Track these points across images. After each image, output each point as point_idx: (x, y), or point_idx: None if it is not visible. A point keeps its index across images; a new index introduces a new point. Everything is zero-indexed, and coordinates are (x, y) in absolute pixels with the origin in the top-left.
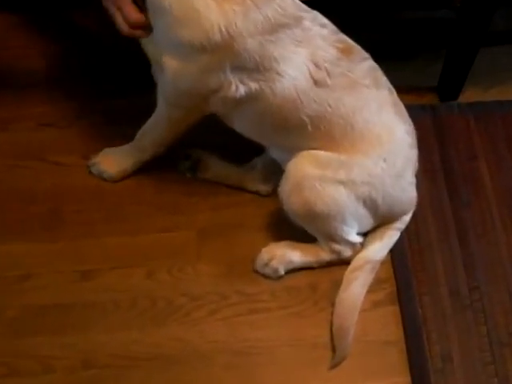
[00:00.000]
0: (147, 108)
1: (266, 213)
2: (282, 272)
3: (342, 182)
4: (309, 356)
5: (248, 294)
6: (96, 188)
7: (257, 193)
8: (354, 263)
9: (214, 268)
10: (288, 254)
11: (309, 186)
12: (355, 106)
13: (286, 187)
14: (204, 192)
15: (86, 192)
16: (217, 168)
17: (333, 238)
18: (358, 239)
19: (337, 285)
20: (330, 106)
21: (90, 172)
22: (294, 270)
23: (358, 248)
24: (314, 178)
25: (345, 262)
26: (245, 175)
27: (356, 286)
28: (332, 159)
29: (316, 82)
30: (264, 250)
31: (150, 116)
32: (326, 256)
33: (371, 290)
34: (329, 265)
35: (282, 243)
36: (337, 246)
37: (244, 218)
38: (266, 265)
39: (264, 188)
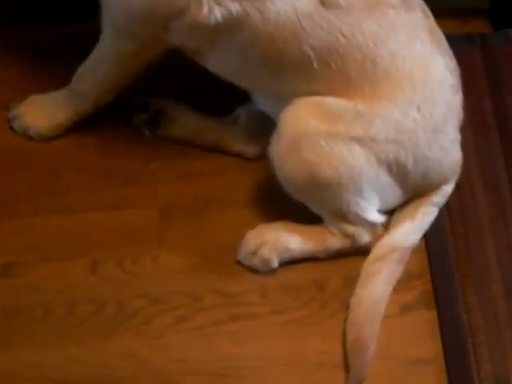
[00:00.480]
0: (89, 39)
1: (252, 183)
2: (276, 264)
3: (358, 140)
4: (312, 379)
5: (229, 295)
6: (19, 149)
7: (240, 155)
8: (376, 252)
9: (182, 259)
10: (284, 240)
11: (312, 146)
12: (378, 34)
13: (280, 148)
14: (168, 156)
15: (5, 155)
16: (185, 122)
17: (345, 216)
18: (379, 218)
19: (351, 282)
20: (342, 35)
21: (12, 128)
22: (292, 262)
23: (379, 231)
24: (320, 134)
25: (362, 251)
26: (223, 132)
27: (378, 284)
28: (344, 108)
29: (323, 2)
30: (251, 233)
31: (93, 49)
32: (335, 242)
33: (399, 288)
34: (340, 255)
35: (276, 225)
36: (351, 229)
37: (223, 190)
38: (254, 254)
39: (250, 149)
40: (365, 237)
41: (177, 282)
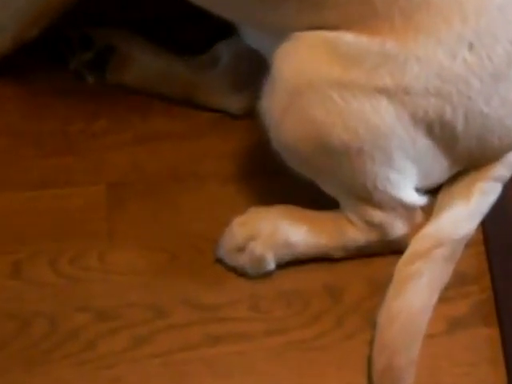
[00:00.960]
0: None
1: (238, 151)
2: (272, 265)
3: (385, 92)
4: None
5: (206, 308)
6: None
7: (221, 111)
8: (414, 248)
9: (140, 257)
10: (283, 231)
11: (320, 100)
12: None
13: (275, 102)
14: (119, 112)
15: None
16: (144, 63)
17: (370, 198)
18: (418, 200)
19: (379, 289)
20: None
21: None
22: (295, 263)
23: (419, 218)
24: (331, 83)
25: (394, 248)
26: (198, 77)
27: (417, 291)
28: (366, 48)
29: None
30: (237, 221)
31: None
32: (357, 236)
33: (447, 297)
34: (363, 253)
35: (272, 209)
36: (378, 216)
37: (196, 160)
38: (241, 250)
39: (234, 102)
40: (398, 227)
41: (133, 290)
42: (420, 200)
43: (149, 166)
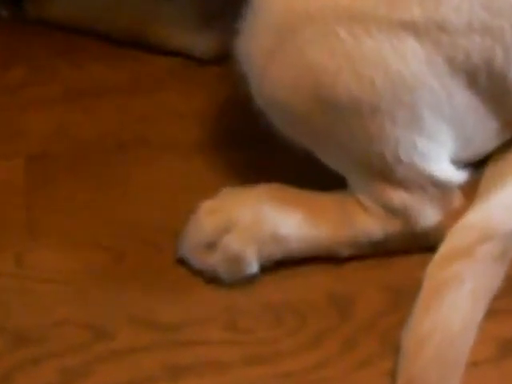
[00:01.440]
0: None
1: (204, 109)
2: (254, 266)
3: (412, 27)
4: None
5: (164, 327)
6: None
7: (181, 54)
8: (452, 243)
9: (71, 258)
10: (269, 219)
11: (321, 36)
12: None
13: (259, 39)
14: (41, 54)
15: None
16: None
17: (390, 173)
18: (456, 174)
19: (402, 299)
20: None
21: None
22: (285, 265)
23: (457, 202)
24: (337, 14)
25: (422, 242)
26: (150, 7)
27: (457, 302)
28: None
29: None
30: (205, 207)
31: None
32: (371, 224)
33: (497, 310)
34: (378, 250)
35: (253, 191)
36: (400, 196)
37: (148, 122)
38: (212, 247)
39: (199, 42)
40: (429, 213)
41: (63, 304)
42: (458, 176)
43: (82, 131)
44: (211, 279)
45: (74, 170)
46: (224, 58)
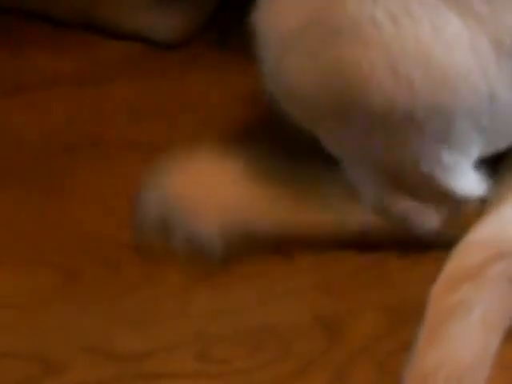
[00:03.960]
0: None
1: (169, 106)
2: (215, 240)
3: (454, 2)
4: None
5: (124, 357)
6: None
7: (140, 37)
8: (460, 260)
9: (14, 277)
10: (233, 186)
11: (354, 22)
12: None
13: (280, 16)
14: None
15: None
16: None
17: (401, 179)
18: (477, 188)
19: (402, 322)
20: None
21: None
22: (264, 281)
23: (470, 207)
24: None
25: (415, 241)
26: None
27: (466, 331)
28: None
29: None
30: (176, 182)
31: None
32: (365, 216)
33: None
34: (367, 239)
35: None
36: (405, 202)
37: (100, 117)
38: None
39: (161, 23)
40: (430, 222)
41: (5, 332)
42: (477, 189)
43: (24, 131)
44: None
45: (15, 177)
46: (188, 42)
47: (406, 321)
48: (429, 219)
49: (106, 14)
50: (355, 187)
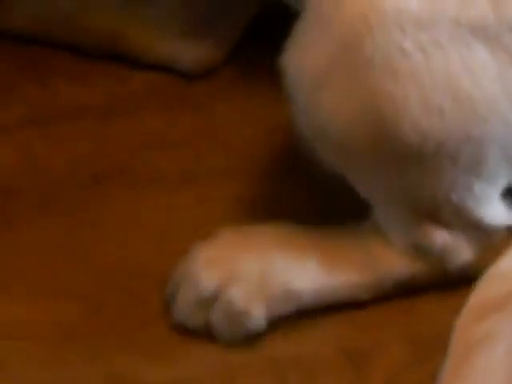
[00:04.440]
0: None
1: (196, 136)
2: (262, 324)
3: (480, 30)
4: None
5: None
6: None
7: (164, 66)
8: (483, 292)
9: (39, 310)
10: (279, 269)
11: (383, 54)
12: None
13: (311, 56)
14: None
15: None
16: None
17: (434, 212)
18: (506, 217)
19: (429, 354)
20: None
21: None
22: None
23: (500, 239)
24: (402, 23)
25: (452, 279)
26: (127, 11)
27: (492, 364)
28: None
29: None
30: (201, 258)
31: None
32: (398, 264)
33: None
34: (400, 290)
35: (256, 233)
36: (442, 237)
37: (128, 150)
38: (212, 301)
39: (187, 53)
40: (466, 253)
41: (29, 365)
42: (507, 219)
43: (50, 161)
44: (210, 337)
45: (41, 208)
46: (212, 73)
47: (431, 353)
48: (464, 251)
49: (132, 43)
50: (387, 231)
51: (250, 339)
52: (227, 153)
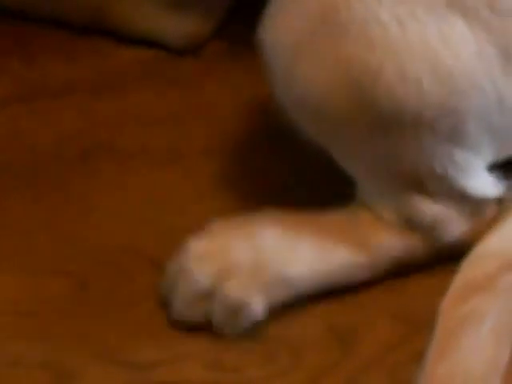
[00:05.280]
0: None
1: (183, 113)
2: (260, 313)
3: (460, 7)
4: None
5: (136, 365)
6: None
7: (152, 41)
8: (471, 270)
9: (24, 286)
10: (273, 258)
11: (360, 21)
12: None
13: (288, 25)
14: None
15: None
16: None
17: (419, 184)
18: (493, 189)
19: (415, 332)
20: None
21: None
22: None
23: (490, 212)
24: None
25: (442, 254)
26: None
27: (478, 342)
28: None
29: None
30: (195, 253)
31: None
32: (391, 240)
33: None
34: (395, 268)
35: (248, 223)
36: (430, 208)
37: (115, 125)
38: (209, 295)
39: (175, 27)
40: (457, 226)
41: (16, 340)
42: (494, 190)
43: (37, 138)
44: (209, 330)
45: (28, 184)
46: (199, 49)
47: (418, 331)
48: (455, 222)
49: (119, 17)
50: (375, 206)
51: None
52: (214, 129)
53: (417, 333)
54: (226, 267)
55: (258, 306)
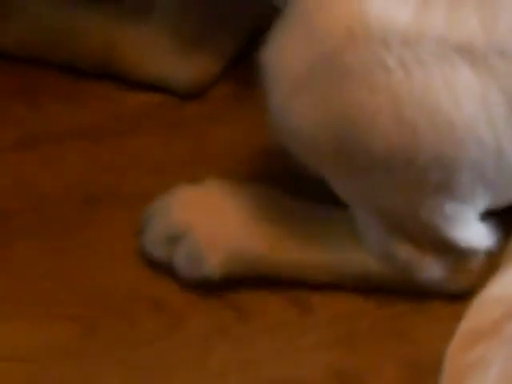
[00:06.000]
0: None
1: (189, 159)
2: (216, 272)
3: (467, 51)
4: None
5: None
6: None
7: (159, 86)
8: (474, 319)
9: (33, 332)
10: (244, 232)
11: (364, 65)
12: None
13: (290, 58)
14: None
15: None
16: (32, 14)
17: (403, 227)
18: (482, 240)
19: (423, 375)
20: None
21: None
22: (281, 335)
23: (478, 265)
24: (388, 39)
25: (422, 287)
26: (120, 31)
27: None
28: None
29: None
30: (179, 196)
31: None
32: (368, 260)
33: None
34: (360, 282)
35: (240, 189)
36: (408, 251)
37: (119, 172)
38: (175, 240)
39: (179, 71)
40: (434, 271)
41: None
42: (484, 241)
43: (41, 184)
44: (168, 270)
45: (33, 231)
46: (204, 93)
47: (425, 376)
48: (431, 269)
49: (125, 61)
50: (361, 229)
51: (242, 362)
52: (219, 175)
53: (422, 379)
54: (202, 221)
55: (213, 265)
